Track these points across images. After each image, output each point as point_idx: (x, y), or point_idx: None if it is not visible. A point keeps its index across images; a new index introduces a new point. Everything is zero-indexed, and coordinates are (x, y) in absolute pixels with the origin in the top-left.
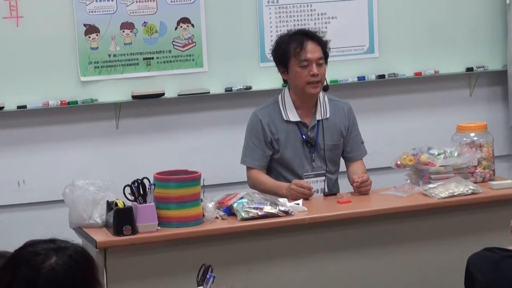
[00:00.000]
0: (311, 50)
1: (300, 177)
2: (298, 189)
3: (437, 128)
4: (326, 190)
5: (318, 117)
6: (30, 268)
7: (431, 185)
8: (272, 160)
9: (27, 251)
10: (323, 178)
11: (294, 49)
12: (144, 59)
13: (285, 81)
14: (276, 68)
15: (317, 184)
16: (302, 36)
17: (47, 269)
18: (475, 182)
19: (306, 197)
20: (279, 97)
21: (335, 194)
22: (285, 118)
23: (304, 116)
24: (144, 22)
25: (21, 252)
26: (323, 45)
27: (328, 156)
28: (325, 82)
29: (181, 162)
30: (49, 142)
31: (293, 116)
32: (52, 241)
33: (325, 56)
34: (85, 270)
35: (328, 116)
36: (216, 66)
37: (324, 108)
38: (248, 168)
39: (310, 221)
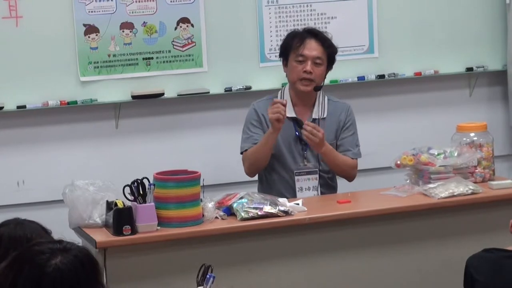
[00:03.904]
0: (310, 48)
1: (293, 173)
2: (274, 109)
3: (437, 128)
4: (318, 191)
5: (315, 115)
6: (35, 267)
7: (431, 185)
8: None
9: (33, 249)
10: (316, 176)
11: (295, 44)
12: (143, 59)
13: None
14: (276, 67)
15: (309, 182)
16: (306, 33)
17: (52, 268)
18: (475, 182)
19: (283, 109)
20: (279, 93)
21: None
22: None
23: (301, 114)
24: (144, 22)
25: (27, 250)
26: (327, 46)
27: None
28: (321, 83)
29: (181, 162)
30: (49, 142)
31: (290, 112)
32: (59, 241)
33: (329, 59)
34: (89, 272)
35: (325, 115)
36: (215, 66)
37: (323, 107)
38: (243, 153)
39: (310, 221)
